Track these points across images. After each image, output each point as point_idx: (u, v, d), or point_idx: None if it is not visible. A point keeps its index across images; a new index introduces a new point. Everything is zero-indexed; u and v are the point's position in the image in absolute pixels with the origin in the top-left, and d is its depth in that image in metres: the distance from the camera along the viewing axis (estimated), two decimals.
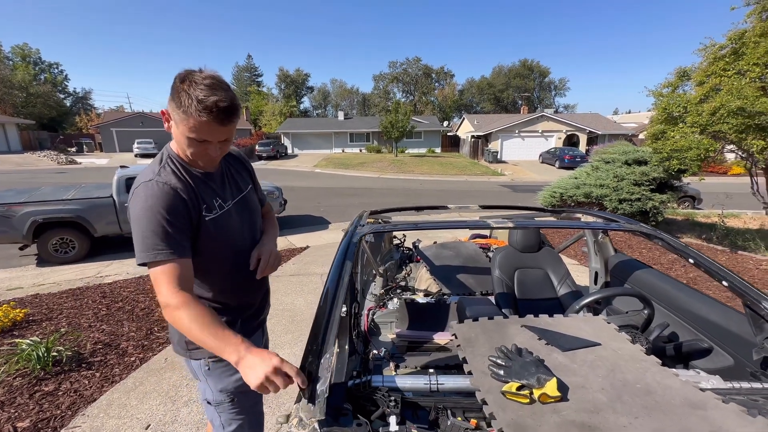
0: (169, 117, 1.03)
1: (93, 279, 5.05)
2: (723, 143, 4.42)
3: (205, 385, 1.24)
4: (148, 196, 1.00)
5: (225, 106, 0.97)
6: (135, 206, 1.01)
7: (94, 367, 2.72)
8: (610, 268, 2.28)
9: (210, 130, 1.00)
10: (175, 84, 0.98)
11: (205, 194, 1.12)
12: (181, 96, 0.95)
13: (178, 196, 1.03)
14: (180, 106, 0.96)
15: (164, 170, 1.07)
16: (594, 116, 34.16)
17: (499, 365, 1.11)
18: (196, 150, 1.04)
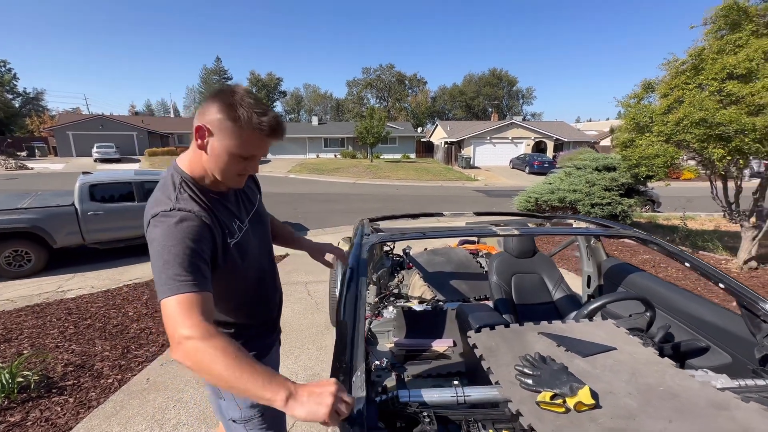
0: (208, 133, 0.95)
1: (53, 294, 4.67)
2: (687, 151, 4.74)
3: (232, 402, 1.16)
4: (171, 226, 0.91)
5: (280, 121, 0.97)
6: (156, 237, 0.91)
7: (66, 392, 2.50)
8: (603, 272, 2.38)
9: (260, 145, 0.97)
10: (225, 98, 0.93)
11: (225, 218, 1.05)
12: (238, 109, 0.91)
13: (203, 225, 0.95)
14: (237, 119, 0.92)
15: (181, 196, 0.97)
16: (560, 124, 35.84)
17: (526, 374, 1.11)
18: (235, 168, 0.99)
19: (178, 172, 1.02)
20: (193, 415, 2.29)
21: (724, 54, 4.10)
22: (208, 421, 2.24)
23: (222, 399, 1.19)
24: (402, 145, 35.16)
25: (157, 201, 0.97)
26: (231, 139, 0.94)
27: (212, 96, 0.96)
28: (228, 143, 0.94)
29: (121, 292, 4.55)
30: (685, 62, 4.62)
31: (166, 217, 0.92)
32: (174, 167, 1.05)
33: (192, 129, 0.99)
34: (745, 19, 4.14)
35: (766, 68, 3.74)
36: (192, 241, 0.90)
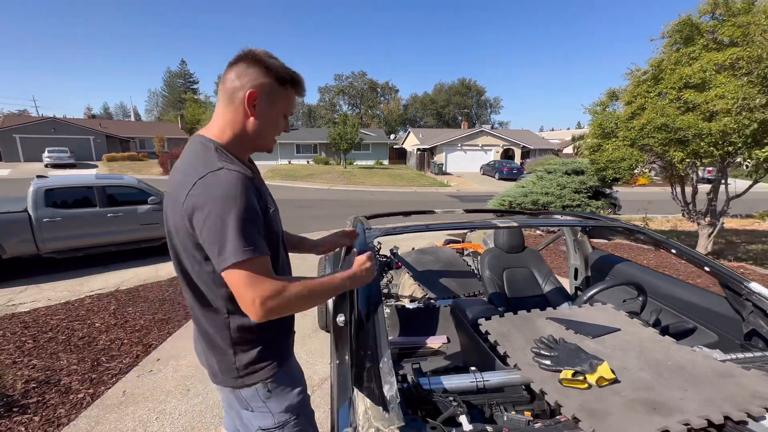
0: (258, 97, 0.94)
1: (3, 308, 4.25)
2: (649, 155, 5.09)
3: (264, 412, 1.06)
4: (232, 187, 0.84)
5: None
6: (209, 199, 0.83)
7: (30, 410, 2.26)
8: (590, 264, 2.48)
9: (294, 104, 1.03)
10: (264, 60, 0.94)
11: (262, 188, 1.01)
12: (280, 72, 0.95)
13: (253, 186, 0.91)
14: (284, 82, 0.96)
15: (227, 157, 0.92)
16: (526, 132, 37.43)
17: (544, 356, 1.13)
18: (278, 128, 1.03)
19: (210, 142, 0.96)
20: (179, 427, 2.14)
21: (681, 65, 4.47)
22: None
23: (248, 410, 1.07)
24: (375, 151, 35.31)
25: (197, 166, 0.89)
26: (281, 99, 0.98)
27: (245, 60, 0.94)
28: (279, 104, 0.98)
29: (83, 304, 4.22)
30: (646, 72, 4.98)
31: (217, 177, 0.85)
32: (200, 138, 0.97)
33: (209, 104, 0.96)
34: (697, 34, 4.54)
35: (718, 79, 4.11)
36: (250, 201, 0.87)
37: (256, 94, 0.94)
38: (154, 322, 3.65)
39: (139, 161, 27.39)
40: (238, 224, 0.83)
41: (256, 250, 0.85)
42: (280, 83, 0.96)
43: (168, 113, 56.39)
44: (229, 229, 0.82)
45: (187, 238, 0.90)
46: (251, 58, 0.94)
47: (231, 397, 1.07)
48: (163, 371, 2.75)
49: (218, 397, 1.29)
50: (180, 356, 2.98)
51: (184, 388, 2.53)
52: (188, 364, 2.85)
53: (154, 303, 4.17)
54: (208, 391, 2.49)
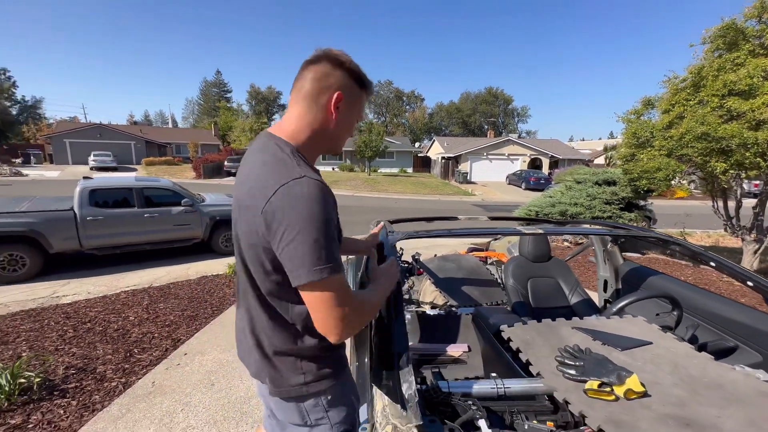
0: (345, 100, 0.93)
1: (48, 299, 4.54)
2: (689, 165, 4.84)
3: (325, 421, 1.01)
4: (320, 195, 0.80)
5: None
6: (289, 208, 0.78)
7: (68, 394, 2.40)
8: (621, 276, 2.38)
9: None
10: (348, 62, 0.92)
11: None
12: (362, 76, 0.95)
13: (332, 197, 0.85)
14: (362, 85, 0.96)
15: (304, 164, 0.87)
16: (554, 142, 36.47)
17: (568, 365, 1.10)
18: (352, 132, 1.03)
19: (283, 142, 0.91)
20: (203, 419, 2.22)
21: (724, 72, 4.24)
22: (218, 425, 2.16)
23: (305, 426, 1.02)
24: (399, 159, 35.45)
25: (277, 171, 0.83)
26: (359, 103, 0.98)
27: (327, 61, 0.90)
28: (357, 107, 0.98)
29: (119, 298, 4.45)
30: (685, 79, 4.76)
31: (300, 186, 0.79)
32: (274, 139, 0.92)
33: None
34: (742, 39, 4.31)
35: (766, 86, 3.87)
36: (330, 215, 0.82)
37: (342, 97, 0.92)
38: (183, 318, 3.79)
39: (174, 165, 28.78)
40: (320, 240, 0.78)
41: (336, 267, 0.80)
42: (360, 86, 0.96)
43: (203, 120, 59.08)
44: (311, 244, 0.78)
45: (260, 246, 0.85)
46: (334, 59, 0.91)
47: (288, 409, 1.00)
48: (189, 365, 2.86)
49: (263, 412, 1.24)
50: (206, 352, 3.08)
51: (208, 383, 2.61)
52: (213, 359, 2.94)
53: (183, 300, 4.34)
54: (231, 387, 2.56)
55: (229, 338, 3.35)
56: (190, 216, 6.40)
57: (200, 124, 57.95)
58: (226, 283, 4.96)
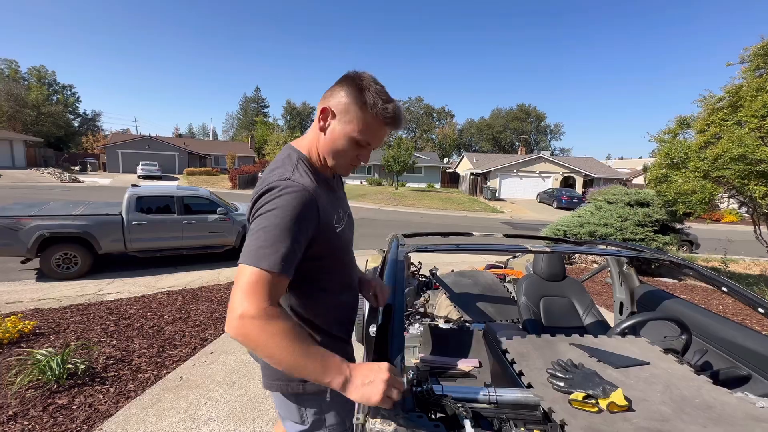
0: (332, 115, 0.96)
1: (94, 296, 4.97)
2: (726, 188, 4.62)
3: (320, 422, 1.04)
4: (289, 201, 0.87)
5: (401, 111, 0.98)
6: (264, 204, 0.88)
7: (108, 382, 2.65)
8: (636, 299, 2.33)
9: (379, 133, 0.98)
10: (355, 82, 0.94)
11: (333, 203, 1.03)
12: (366, 94, 0.93)
13: (313, 201, 0.91)
14: (364, 104, 0.93)
15: (298, 171, 0.95)
16: (589, 160, 35.28)
17: (558, 377, 1.15)
18: (351, 153, 0.99)
19: (295, 151, 1.02)
20: (223, 413, 2.37)
21: (764, 92, 4.07)
22: (237, 420, 2.31)
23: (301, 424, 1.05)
24: (427, 174, 35.55)
25: (274, 172, 0.95)
26: (354, 123, 0.94)
27: (341, 80, 0.96)
28: (351, 127, 0.95)
29: (156, 298, 4.79)
30: (722, 99, 4.60)
31: (280, 187, 0.88)
32: (290, 147, 1.03)
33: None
34: None
35: None
36: (295, 219, 0.86)
37: (329, 111, 0.96)
38: (211, 320, 4.04)
39: (213, 176, 30.42)
40: (275, 233, 0.83)
41: (276, 266, 0.81)
42: (360, 106, 0.93)
43: (241, 134, 62.23)
44: (253, 234, 0.85)
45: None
46: (344, 78, 0.96)
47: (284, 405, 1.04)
48: (214, 363, 3.05)
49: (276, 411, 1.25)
50: (230, 352, 3.27)
51: (230, 380, 2.78)
52: (236, 359, 3.12)
53: (213, 303, 4.60)
54: (250, 385, 2.71)
55: None
56: (224, 224, 6.78)
57: (238, 137, 61.02)
58: None
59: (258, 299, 0.78)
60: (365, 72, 0.98)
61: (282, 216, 0.85)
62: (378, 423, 0.90)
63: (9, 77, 39.24)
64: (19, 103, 34.56)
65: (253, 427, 2.25)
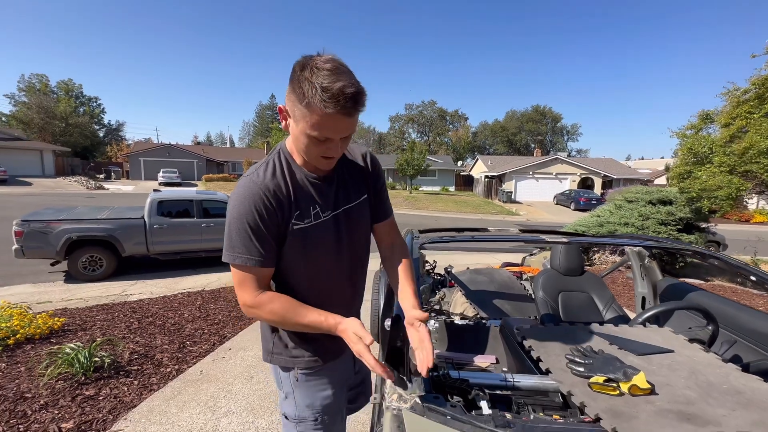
0: (287, 114, 0.90)
1: (118, 297, 5.13)
2: (754, 183, 4.44)
3: (291, 398, 1.11)
4: (239, 196, 0.93)
5: (352, 92, 0.80)
6: (230, 203, 0.96)
7: (131, 375, 2.74)
8: (659, 292, 2.27)
9: (335, 125, 0.84)
10: (295, 73, 0.83)
11: (303, 200, 0.99)
12: (303, 86, 0.80)
13: (266, 201, 0.92)
14: (302, 98, 0.81)
15: (267, 168, 0.97)
16: (608, 161, 34.44)
17: (578, 363, 1.13)
18: (316, 150, 0.90)
19: (281, 146, 1.03)
20: (242, 406, 2.42)
21: None
22: (255, 412, 2.35)
23: (281, 391, 1.15)
24: (441, 177, 35.40)
25: (253, 166, 1.00)
26: (302, 120, 0.85)
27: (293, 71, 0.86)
28: (301, 125, 0.86)
29: (176, 298, 4.92)
30: (747, 91, 4.44)
31: (241, 186, 0.95)
32: (282, 142, 1.04)
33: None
34: None
35: None
36: (252, 216, 0.91)
37: (283, 110, 0.92)
38: (229, 318, 4.12)
39: (230, 182, 31.08)
40: (231, 229, 0.93)
41: (240, 258, 0.92)
42: (300, 100, 0.82)
43: (257, 140, 63.48)
44: (226, 231, 0.95)
45: None
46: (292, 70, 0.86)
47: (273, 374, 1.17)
48: (233, 359, 3.11)
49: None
50: (247, 348, 3.33)
51: (248, 375, 2.83)
52: (254, 355, 3.17)
53: (231, 303, 4.69)
54: (268, 380, 2.75)
55: None
56: None
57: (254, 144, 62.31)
58: None
59: (246, 292, 0.95)
60: (308, 56, 0.85)
61: (232, 212, 0.94)
62: (395, 401, 0.91)
63: (40, 91, 41.30)
64: (49, 115, 36.30)
65: (271, 419, 2.28)
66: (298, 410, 1.11)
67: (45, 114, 36.03)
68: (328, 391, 1.11)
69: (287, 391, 1.12)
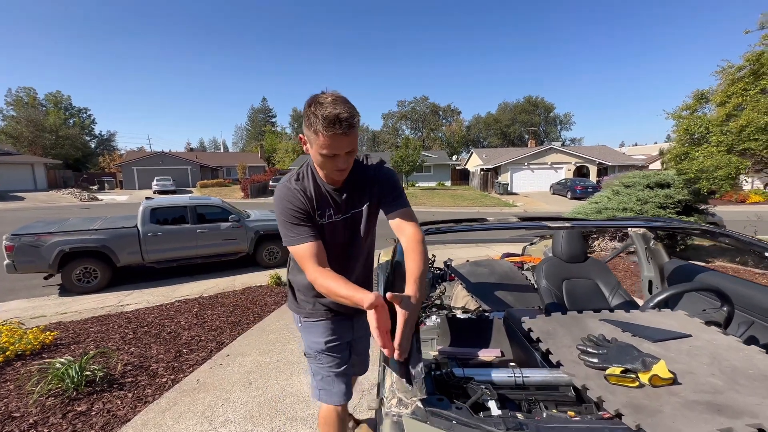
0: (306, 140, 1.19)
1: (114, 307, 5.02)
2: (754, 161, 4.38)
3: (305, 341, 1.53)
4: (277, 198, 1.27)
5: (345, 117, 1.07)
6: (274, 202, 1.28)
7: (125, 387, 2.64)
8: (666, 275, 2.19)
9: (338, 144, 1.10)
10: (306, 109, 1.12)
11: (322, 203, 1.29)
12: (310, 118, 1.09)
13: (299, 195, 1.24)
14: (311, 126, 1.10)
15: (297, 175, 1.30)
16: (602, 148, 34.46)
17: (591, 353, 1.05)
18: (329, 165, 1.18)
19: (310, 163, 1.31)
20: (240, 414, 2.33)
21: None
22: (254, 420, 2.26)
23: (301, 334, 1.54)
24: (437, 173, 35.31)
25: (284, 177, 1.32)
26: (314, 144, 1.13)
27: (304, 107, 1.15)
28: (315, 148, 1.14)
29: (173, 306, 4.82)
30: (741, 68, 4.37)
31: (279, 189, 1.28)
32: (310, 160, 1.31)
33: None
34: None
35: None
36: (289, 206, 1.22)
37: (303, 139, 1.21)
38: (227, 324, 4.02)
39: (225, 187, 30.92)
40: (279, 222, 1.25)
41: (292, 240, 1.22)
42: (309, 129, 1.12)
43: (250, 144, 63.20)
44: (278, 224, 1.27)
45: None
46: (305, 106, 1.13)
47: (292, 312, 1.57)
48: (230, 366, 3.02)
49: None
50: (246, 354, 3.23)
51: (246, 382, 2.74)
52: (252, 361, 3.09)
53: (228, 308, 4.60)
54: (267, 386, 2.67)
55: (268, 342, 3.49)
56: (237, 231, 6.80)
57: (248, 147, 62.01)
58: (268, 293, 5.18)
59: (308, 267, 1.19)
60: (315, 95, 1.13)
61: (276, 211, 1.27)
62: (394, 406, 0.83)
63: (28, 104, 40.85)
64: (39, 128, 35.89)
65: (271, 427, 2.19)
66: (306, 347, 1.53)
67: (34, 127, 35.61)
68: (321, 338, 1.46)
69: (304, 336, 1.53)
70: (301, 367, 2.96)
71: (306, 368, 2.91)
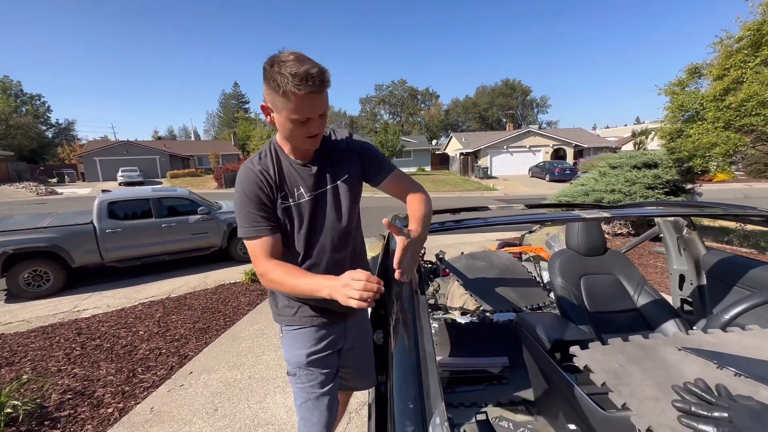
0: (270, 109, 1.03)
1: (68, 314, 4.45)
2: (752, 137, 4.20)
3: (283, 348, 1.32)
4: (238, 181, 1.11)
5: (316, 71, 0.95)
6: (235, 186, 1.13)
7: (60, 423, 2.16)
8: (705, 269, 1.90)
9: (311, 104, 0.98)
10: (266, 71, 0.97)
11: (288, 182, 1.13)
12: (276, 78, 0.94)
13: (260, 176, 1.09)
14: (278, 89, 0.95)
15: (258, 155, 1.15)
16: (578, 131, 34.98)
17: (702, 417, 0.69)
18: (300, 132, 1.03)
19: (273, 141, 1.18)
20: None
21: None
22: None
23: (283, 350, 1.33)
24: (417, 158, 34.96)
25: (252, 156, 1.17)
26: (283, 109, 0.98)
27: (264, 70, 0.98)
28: (284, 113, 0.99)
29: (135, 311, 4.31)
30: (740, 39, 4.14)
31: (239, 172, 1.12)
32: (273, 138, 1.19)
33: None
34: None
35: None
36: (247, 195, 1.08)
37: (266, 107, 1.04)
38: (193, 332, 3.56)
39: (197, 177, 29.45)
40: (236, 208, 1.11)
41: (247, 232, 1.08)
42: (276, 91, 0.96)
43: (223, 132, 60.61)
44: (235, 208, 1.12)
45: None
46: (263, 70, 0.98)
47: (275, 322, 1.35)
48: (193, 386, 2.58)
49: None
50: (212, 369, 2.80)
51: (212, 407, 2.31)
52: (219, 378, 2.66)
53: (197, 311, 4.13)
54: (236, 413, 2.25)
55: (238, 353, 3.07)
56: (208, 224, 6.26)
57: (221, 135, 59.44)
58: (242, 292, 4.74)
59: (257, 262, 1.09)
60: (273, 55, 0.99)
61: (236, 195, 1.12)
62: None
63: None
64: None
65: None
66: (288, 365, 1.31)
67: None
68: (303, 349, 1.24)
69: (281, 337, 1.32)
70: (277, 383, 2.56)
71: (283, 385, 2.54)
